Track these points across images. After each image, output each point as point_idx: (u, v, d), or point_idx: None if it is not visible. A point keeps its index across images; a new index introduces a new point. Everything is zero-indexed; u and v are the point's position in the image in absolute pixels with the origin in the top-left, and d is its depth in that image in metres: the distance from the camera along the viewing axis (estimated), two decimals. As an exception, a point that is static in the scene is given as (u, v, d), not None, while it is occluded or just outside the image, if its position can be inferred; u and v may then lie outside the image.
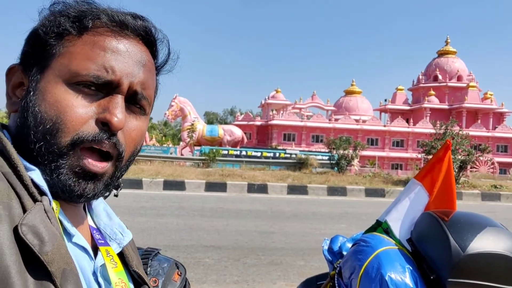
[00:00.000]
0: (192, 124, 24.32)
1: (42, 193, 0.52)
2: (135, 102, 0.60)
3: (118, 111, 0.56)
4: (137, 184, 11.50)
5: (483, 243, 0.93)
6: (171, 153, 20.10)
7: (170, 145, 26.46)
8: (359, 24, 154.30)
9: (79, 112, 0.54)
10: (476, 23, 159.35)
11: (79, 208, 0.63)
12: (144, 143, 23.49)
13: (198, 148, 22.52)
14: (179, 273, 1.00)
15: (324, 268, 1.41)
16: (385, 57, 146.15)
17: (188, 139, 23.88)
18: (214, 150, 19.30)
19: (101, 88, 0.56)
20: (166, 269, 0.97)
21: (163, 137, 37.59)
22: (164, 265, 0.98)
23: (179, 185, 11.93)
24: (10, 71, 0.60)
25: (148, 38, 0.63)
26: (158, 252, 1.03)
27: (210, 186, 12.14)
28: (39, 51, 0.57)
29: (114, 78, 0.56)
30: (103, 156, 0.57)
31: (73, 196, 0.56)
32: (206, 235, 6.14)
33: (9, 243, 0.44)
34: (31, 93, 0.56)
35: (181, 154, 22.17)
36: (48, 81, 0.55)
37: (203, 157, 18.54)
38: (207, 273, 4.41)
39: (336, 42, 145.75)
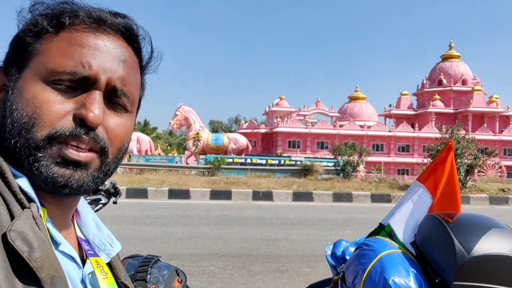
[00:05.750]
0: (197, 133, 24.43)
1: (30, 200, 0.51)
2: (116, 98, 0.59)
3: (94, 107, 0.54)
4: (142, 193, 11.51)
5: (489, 244, 0.91)
6: (176, 162, 20.16)
7: (175, 154, 26.49)
8: (362, 30, 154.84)
9: (56, 107, 0.53)
10: (479, 26, 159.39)
11: (67, 215, 0.62)
12: (150, 153, 23.75)
13: (203, 156, 22.57)
14: (179, 280, 0.99)
15: (330, 275, 1.39)
16: (389, 62, 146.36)
17: (193, 148, 23.98)
18: (219, 158, 19.36)
19: (79, 85, 0.55)
20: (166, 276, 0.96)
21: (168, 147, 37.67)
22: (164, 272, 0.97)
23: (184, 194, 11.92)
24: None
25: (129, 35, 0.62)
26: (158, 259, 1.02)
27: (215, 194, 12.12)
28: (19, 51, 0.57)
29: (91, 73, 0.55)
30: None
31: (57, 187, 0.54)
32: (211, 243, 6.11)
33: None
34: (10, 92, 0.55)
35: (186, 163, 22.22)
36: (26, 79, 0.55)
37: (208, 166, 18.59)
38: (212, 281, 4.38)
39: (340, 48, 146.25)
